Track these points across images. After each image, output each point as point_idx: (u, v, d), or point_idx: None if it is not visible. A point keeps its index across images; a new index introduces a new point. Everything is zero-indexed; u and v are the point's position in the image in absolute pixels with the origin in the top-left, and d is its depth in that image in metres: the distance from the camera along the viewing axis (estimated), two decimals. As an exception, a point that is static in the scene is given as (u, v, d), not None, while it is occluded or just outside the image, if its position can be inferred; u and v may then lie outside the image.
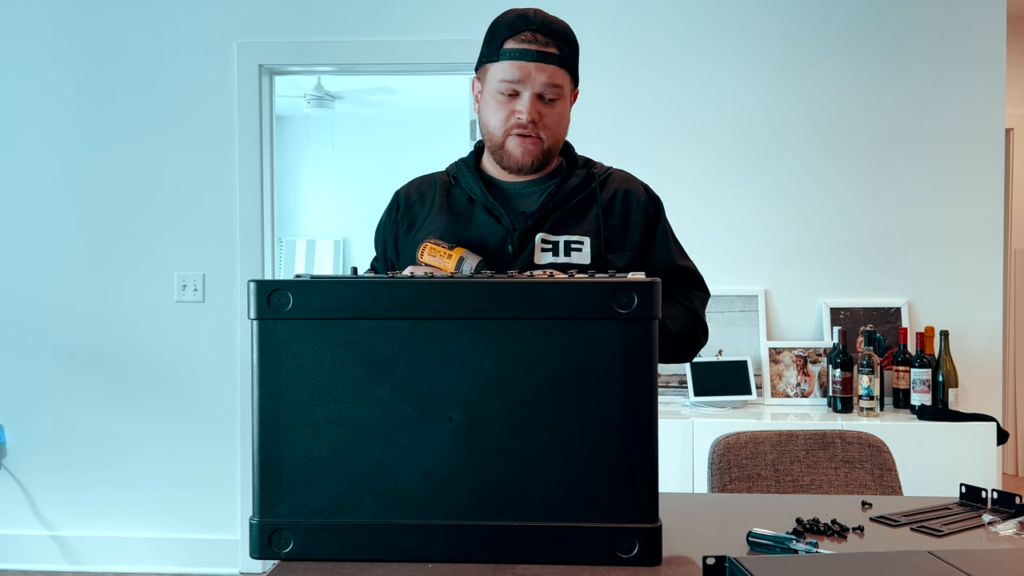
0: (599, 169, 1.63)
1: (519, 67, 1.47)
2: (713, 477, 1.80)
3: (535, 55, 1.47)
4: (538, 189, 1.57)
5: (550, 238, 1.53)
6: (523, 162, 1.53)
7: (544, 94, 1.49)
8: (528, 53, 1.47)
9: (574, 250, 1.52)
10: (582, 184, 1.58)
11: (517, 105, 1.50)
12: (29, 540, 3.54)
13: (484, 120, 1.55)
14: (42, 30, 3.50)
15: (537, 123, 1.50)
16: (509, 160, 1.54)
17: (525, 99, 1.49)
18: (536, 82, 1.48)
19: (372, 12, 3.46)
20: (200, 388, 3.51)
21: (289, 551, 1.09)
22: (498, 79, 1.50)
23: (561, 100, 1.52)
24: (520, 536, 1.07)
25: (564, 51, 1.50)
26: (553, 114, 1.52)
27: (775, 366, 3.29)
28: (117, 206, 3.52)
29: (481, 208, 1.56)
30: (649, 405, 1.07)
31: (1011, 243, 4.76)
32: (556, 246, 1.52)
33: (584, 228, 1.55)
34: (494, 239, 1.53)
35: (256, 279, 1.11)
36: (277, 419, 1.09)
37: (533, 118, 1.49)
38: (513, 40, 1.48)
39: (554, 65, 1.49)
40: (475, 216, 1.56)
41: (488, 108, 1.53)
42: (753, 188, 3.37)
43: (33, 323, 3.54)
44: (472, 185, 1.58)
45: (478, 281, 1.10)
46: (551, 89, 1.49)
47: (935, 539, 1.17)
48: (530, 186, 1.58)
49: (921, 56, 3.34)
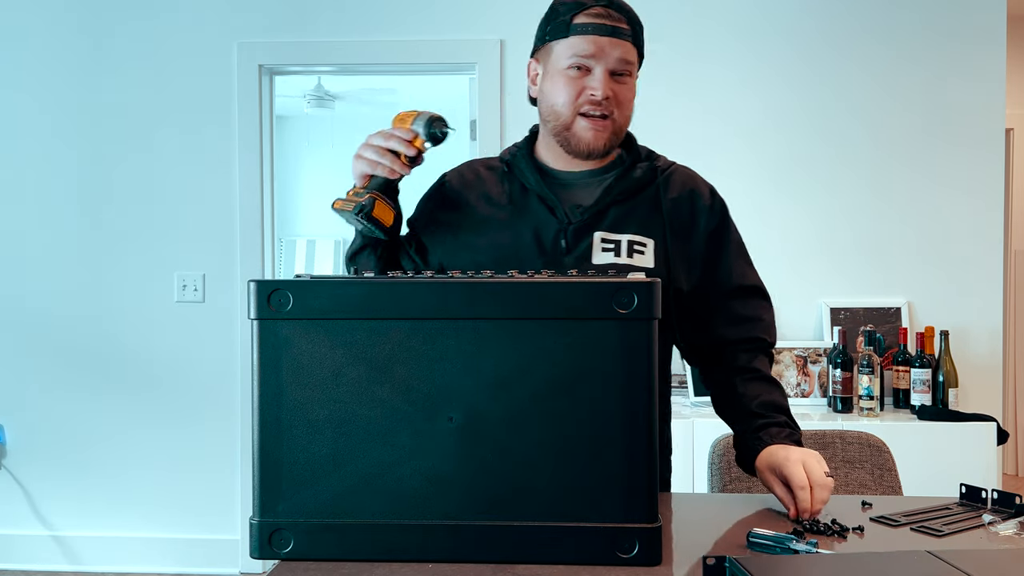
0: (662, 163, 1.53)
1: (592, 41, 1.39)
2: (713, 477, 1.80)
3: (610, 29, 1.40)
4: (596, 180, 1.48)
5: (611, 236, 1.43)
6: (594, 145, 1.43)
7: (617, 69, 1.41)
8: (603, 28, 1.40)
9: (636, 252, 1.43)
10: (644, 178, 1.48)
11: (590, 81, 1.40)
12: (29, 540, 3.54)
13: (550, 99, 1.44)
14: (42, 30, 3.50)
15: (610, 100, 1.41)
16: (578, 144, 1.44)
17: (598, 74, 1.40)
18: (611, 57, 1.40)
19: (372, 12, 3.46)
20: (200, 388, 3.51)
21: (289, 551, 1.09)
22: (568, 54, 1.40)
23: (632, 79, 1.44)
24: (520, 536, 1.07)
25: (635, 29, 1.44)
26: (625, 92, 1.43)
27: (775, 366, 3.29)
28: (117, 206, 3.52)
29: (535, 198, 1.47)
30: (649, 405, 1.07)
31: (1011, 243, 4.76)
32: (618, 246, 1.43)
33: (646, 228, 1.45)
34: (548, 232, 1.44)
35: (256, 279, 1.11)
36: (277, 419, 1.09)
37: (608, 94, 1.40)
38: (584, 15, 1.41)
39: (627, 41, 1.41)
40: (529, 206, 1.47)
41: (555, 86, 1.43)
42: (753, 188, 3.37)
43: (33, 323, 3.54)
44: (527, 173, 1.48)
45: (478, 281, 1.10)
46: (624, 65, 1.41)
47: (935, 539, 1.17)
48: (588, 176, 1.49)
49: (921, 56, 3.34)
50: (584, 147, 1.44)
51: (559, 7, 1.45)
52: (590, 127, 1.42)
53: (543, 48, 1.46)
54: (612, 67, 1.41)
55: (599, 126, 1.42)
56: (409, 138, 1.40)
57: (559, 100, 1.43)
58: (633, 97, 1.46)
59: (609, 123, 1.43)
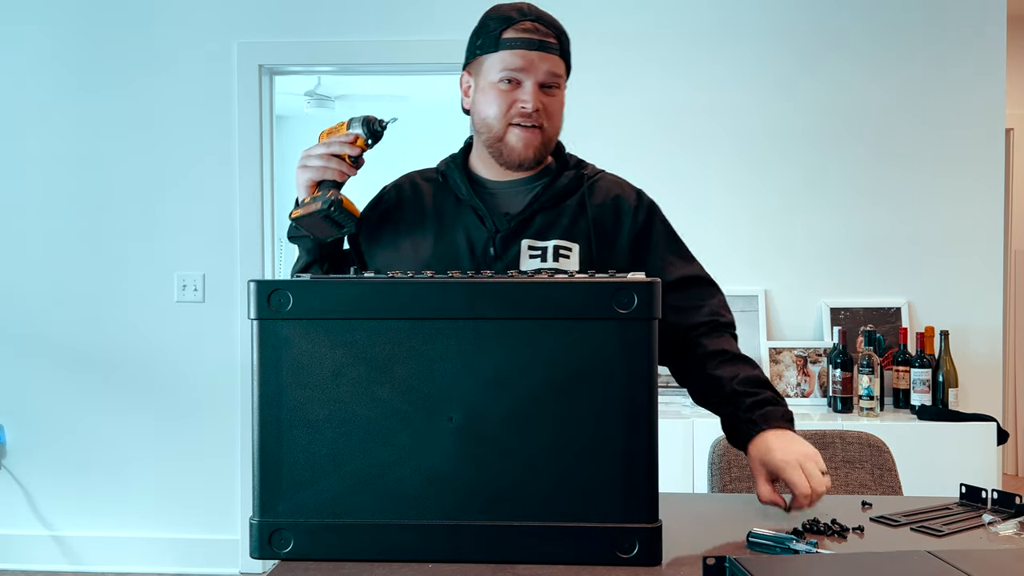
0: (590, 171, 1.58)
1: (522, 55, 1.44)
2: (713, 477, 1.80)
3: (538, 44, 1.45)
4: (526, 189, 1.53)
5: (537, 243, 1.49)
6: (525, 155, 1.48)
7: (546, 82, 1.46)
8: (531, 42, 1.45)
9: (562, 256, 1.48)
10: (571, 186, 1.53)
11: (520, 94, 1.45)
12: (29, 540, 3.54)
13: (482, 112, 1.49)
14: (42, 29, 3.50)
15: (540, 112, 1.46)
16: (510, 154, 1.49)
17: (528, 87, 1.45)
18: (540, 71, 1.45)
19: (373, 12, 3.46)
20: (200, 388, 3.51)
21: (289, 551, 1.09)
22: (499, 68, 1.46)
23: (560, 91, 1.50)
24: (520, 536, 1.07)
25: (562, 42, 1.50)
26: (555, 103, 1.49)
27: (775, 366, 3.29)
28: (116, 206, 3.52)
29: (468, 208, 1.52)
30: (649, 405, 1.07)
31: (1011, 243, 4.76)
32: (544, 252, 1.48)
33: (572, 233, 1.50)
34: (478, 241, 1.50)
35: (256, 279, 1.11)
36: (277, 419, 1.09)
37: (538, 106, 1.45)
38: (512, 30, 1.46)
39: (555, 55, 1.47)
40: (461, 216, 1.52)
41: (487, 99, 1.48)
42: (754, 188, 3.37)
43: (33, 323, 3.54)
44: (459, 184, 1.53)
45: (478, 281, 1.10)
46: (553, 78, 1.47)
47: (935, 539, 1.17)
48: (518, 185, 1.54)
49: (921, 56, 3.34)
50: (516, 157, 1.49)
51: (488, 21, 1.50)
52: (521, 137, 1.47)
53: (474, 61, 1.52)
54: (541, 80, 1.46)
55: (530, 136, 1.47)
56: (350, 140, 1.46)
57: (491, 112, 1.48)
58: (562, 108, 1.51)
59: (539, 133, 1.48)
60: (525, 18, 1.47)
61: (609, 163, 1.67)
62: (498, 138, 1.49)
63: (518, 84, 1.46)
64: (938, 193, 3.35)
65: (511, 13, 1.48)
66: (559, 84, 1.49)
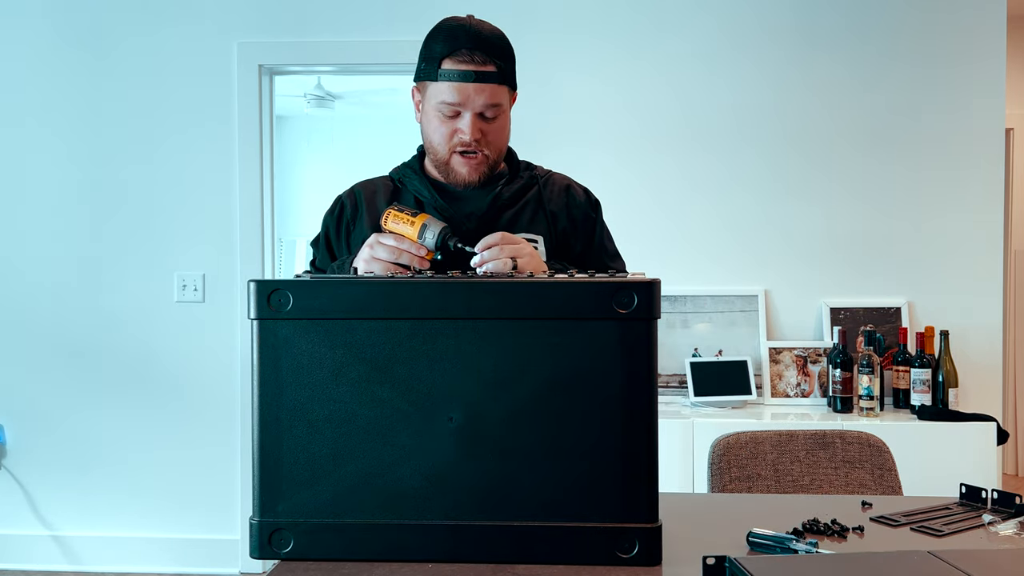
0: (541, 172, 1.66)
1: (458, 89, 1.46)
2: (713, 477, 1.80)
3: (474, 76, 1.45)
4: (485, 191, 1.57)
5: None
6: (470, 179, 1.53)
7: (485, 113, 1.48)
8: (467, 75, 1.45)
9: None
10: (527, 185, 1.61)
11: (459, 124, 1.49)
12: (29, 540, 3.54)
13: (427, 135, 1.54)
14: (42, 30, 3.50)
15: (480, 141, 1.49)
16: (456, 177, 1.54)
17: (467, 120, 1.48)
18: (476, 103, 1.47)
19: (372, 12, 3.46)
20: (200, 388, 3.51)
21: (289, 551, 1.09)
22: (438, 99, 1.48)
23: (502, 115, 1.52)
24: (520, 536, 1.07)
25: (501, 66, 1.48)
26: (495, 130, 1.52)
27: (775, 366, 3.29)
28: (117, 206, 3.52)
29: (431, 210, 1.55)
30: (649, 405, 1.07)
31: (1011, 243, 4.76)
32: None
33: (534, 227, 1.57)
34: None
35: (256, 279, 1.11)
36: (277, 419, 1.09)
37: (476, 137, 1.49)
38: (450, 60, 1.46)
39: (493, 84, 1.47)
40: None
41: (430, 124, 1.52)
42: (754, 188, 3.37)
43: (33, 323, 3.54)
44: (420, 188, 1.57)
45: (478, 281, 1.10)
46: (491, 108, 1.49)
47: (935, 539, 1.17)
48: (477, 188, 1.57)
49: (921, 56, 3.34)
50: (460, 181, 1.54)
51: (432, 45, 1.50)
52: (464, 164, 1.52)
53: (420, 82, 1.54)
54: (479, 111, 1.48)
55: (473, 163, 1.52)
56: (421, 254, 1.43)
57: (434, 138, 1.53)
58: (504, 129, 1.55)
59: (482, 158, 1.52)
60: (464, 46, 1.46)
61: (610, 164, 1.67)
62: (444, 161, 1.54)
63: (457, 114, 1.48)
64: (938, 193, 3.35)
65: (453, 37, 1.47)
66: (499, 112, 1.50)
